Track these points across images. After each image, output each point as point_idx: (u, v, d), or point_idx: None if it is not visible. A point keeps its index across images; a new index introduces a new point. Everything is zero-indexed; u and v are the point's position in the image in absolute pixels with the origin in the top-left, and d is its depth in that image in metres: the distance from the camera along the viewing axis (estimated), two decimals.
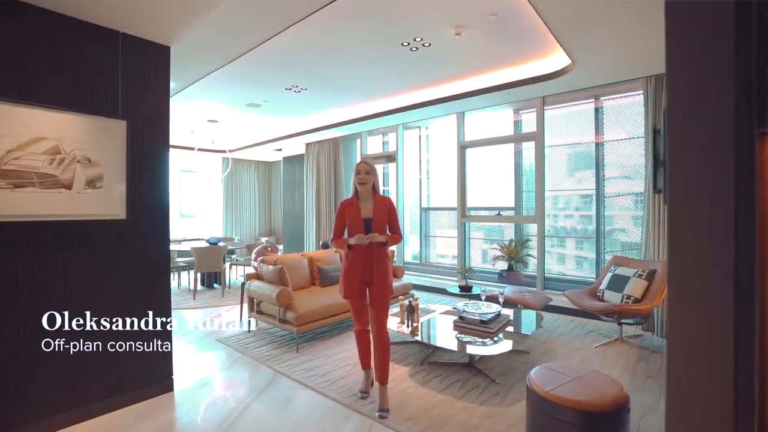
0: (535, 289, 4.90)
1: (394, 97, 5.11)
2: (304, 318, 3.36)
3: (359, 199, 2.51)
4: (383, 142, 7.33)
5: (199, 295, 5.63)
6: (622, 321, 3.44)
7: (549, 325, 3.98)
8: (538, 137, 4.79)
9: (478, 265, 6.48)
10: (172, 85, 4.20)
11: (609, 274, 3.69)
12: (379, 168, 7.66)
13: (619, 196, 4.86)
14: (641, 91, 4.35)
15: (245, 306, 3.99)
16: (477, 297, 4.13)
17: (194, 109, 5.54)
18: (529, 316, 3.52)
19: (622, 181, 4.90)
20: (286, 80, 4.33)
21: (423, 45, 3.40)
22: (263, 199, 10.03)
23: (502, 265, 5.75)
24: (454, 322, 3.08)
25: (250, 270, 6.46)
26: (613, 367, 2.99)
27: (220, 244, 6.35)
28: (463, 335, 2.97)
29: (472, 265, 6.07)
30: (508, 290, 4.16)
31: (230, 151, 8.37)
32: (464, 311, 3.13)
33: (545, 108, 4.81)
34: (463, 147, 5.65)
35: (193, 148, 6.56)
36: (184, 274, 6.56)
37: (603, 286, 3.67)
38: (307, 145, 7.60)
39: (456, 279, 5.77)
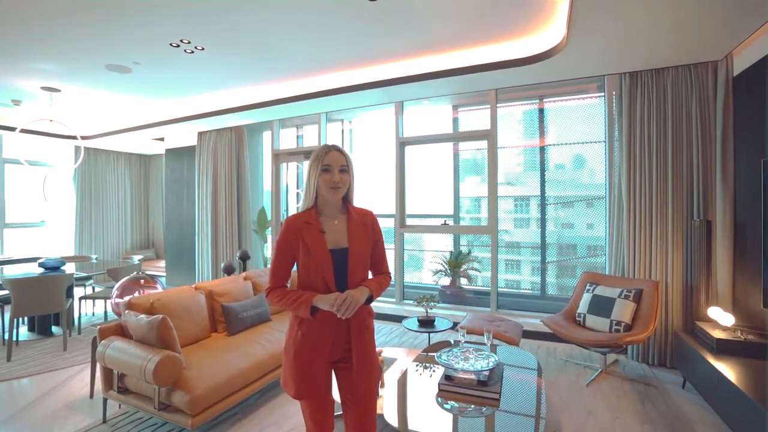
0: (488, 310, 4.31)
1: (323, 75, 4.01)
2: (203, 401, 2.08)
3: (320, 214, 1.42)
4: (297, 136, 6.14)
5: (23, 350, 3.69)
6: (610, 351, 2.97)
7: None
8: (491, 135, 4.22)
9: (416, 281, 5.79)
10: None
11: (587, 295, 3.21)
12: (293, 167, 6.41)
13: (568, 201, 4.64)
14: (599, 93, 4.11)
15: (99, 377, 2.48)
16: (441, 331, 3.30)
17: (15, 68, 3.61)
18: (511, 355, 2.80)
19: (567, 186, 4.71)
20: (173, 30, 2.89)
21: None
22: (138, 203, 7.81)
23: (444, 280, 5.12)
24: (440, 385, 2.17)
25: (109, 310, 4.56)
26: (626, 416, 2.43)
27: (65, 268, 4.40)
28: (452, 403, 2.08)
29: (406, 281, 5.32)
30: (471, 318, 3.43)
31: (84, 137, 6.18)
32: (449, 365, 2.24)
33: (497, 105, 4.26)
34: (402, 144, 4.83)
35: (14, 129, 4.43)
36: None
37: (583, 309, 3.18)
38: (200, 134, 5.95)
39: (394, 300, 4.91)
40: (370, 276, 1.48)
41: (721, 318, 2.64)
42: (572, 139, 4.62)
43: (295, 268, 1.41)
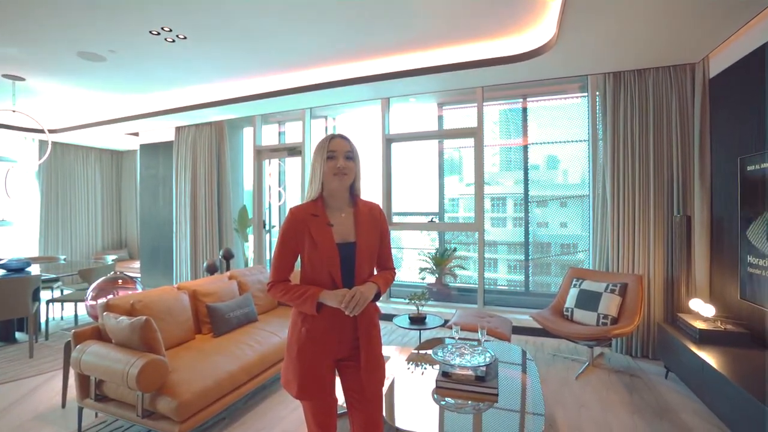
0: (475, 306, 4.34)
1: (310, 70, 3.91)
2: (191, 406, 1.97)
3: (327, 206, 1.36)
4: (279, 133, 6.00)
5: None
6: (597, 344, 3.04)
7: None
8: (478, 133, 4.24)
9: (399, 280, 5.77)
10: None
11: (574, 290, 3.27)
12: (275, 164, 6.26)
13: (546, 200, 4.73)
14: (581, 93, 4.20)
15: (73, 384, 2.32)
16: (432, 328, 3.29)
17: None
18: (503, 351, 2.81)
19: (550, 185, 4.80)
20: (154, 16, 2.73)
21: None
22: (109, 201, 7.44)
23: (429, 278, 5.12)
24: (437, 381, 2.14)
25: (81, 312, 4.30)
26: (617, 407, 2.48)
27: (30, 269, 4.13)
28: (449, 399, 2.05)
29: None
30: (461, 315, 3.44)
31: (52, 131, 5.83)
32: (446, 362, 2.22)
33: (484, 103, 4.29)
34: (389, 141, 4.79)
35: None
36: None
37: (570, 303, 3.23)
38: (178, 129, 5.72)
39: (381, 297, 4.86)
40: (375, 272, 1.44)
41: (702, 309, 2.73)
42: (555, 138, 4.72)
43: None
